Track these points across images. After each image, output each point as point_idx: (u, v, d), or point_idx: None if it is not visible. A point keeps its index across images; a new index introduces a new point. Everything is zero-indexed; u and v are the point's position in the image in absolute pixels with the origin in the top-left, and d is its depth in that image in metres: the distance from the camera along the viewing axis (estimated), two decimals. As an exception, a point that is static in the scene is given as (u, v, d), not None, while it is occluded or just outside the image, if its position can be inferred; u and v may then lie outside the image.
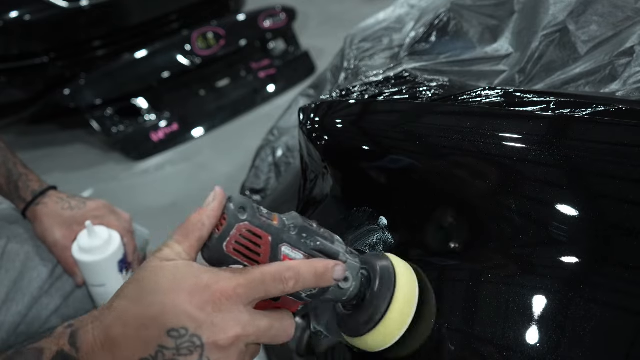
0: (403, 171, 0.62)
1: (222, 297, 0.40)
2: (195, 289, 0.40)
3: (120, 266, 0.84)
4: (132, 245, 0.87)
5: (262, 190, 1.26)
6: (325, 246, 0.47)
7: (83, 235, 0.83)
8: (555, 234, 0.50)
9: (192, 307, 0.39)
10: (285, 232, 0.45)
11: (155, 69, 2.43)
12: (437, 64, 0.81)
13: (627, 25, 0.68)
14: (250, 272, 0.42)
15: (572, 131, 0.54)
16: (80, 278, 0.86)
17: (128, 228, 0.87)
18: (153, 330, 0.39)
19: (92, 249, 0.82)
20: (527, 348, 0.48)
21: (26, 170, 0.88)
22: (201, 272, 0.41)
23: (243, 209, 0.43)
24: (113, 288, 0.82)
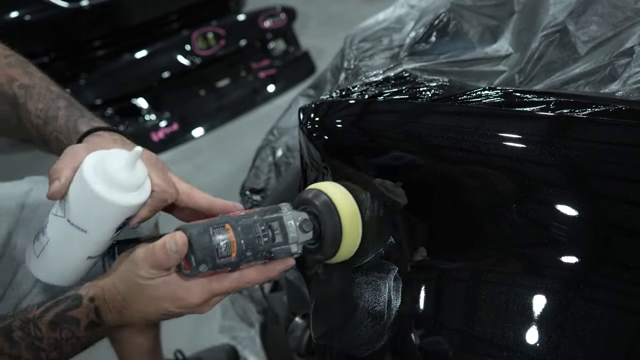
0: (403, 171, 0.62)
1: (194, 304, 0.57)
2: (174, 299, 0.57)
3: (123, 223, 0.62)
4: (147, 214, 0.63)
5: (262, 190, 1.26)
6: (278, 254, 0.57)
7: (115, 157, 0.58)
8: (555, 234, 0.50)
9: (174, 308, 0.58)
10: (243, 259, 0.55)
11: (155, 69, 2.43)
12: (437, 64, 0.81)
13: (626, 26, 0.69)
14: (215, 288, 0.57)
15: (572, 131, 0.54)
16: (58, 190, 0.59)
17: (164, 198, 0.64)
18: (151, 315, 0.59)
19: (117, 182, 0.57)
20: (527, 348, 0.48)
21: (93, 116, 0.74)
22: (177, 287, 0.56)
23: (203, 262, 0.53)
24: (91, 242, 0.61)
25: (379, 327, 0.58)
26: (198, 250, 0.53)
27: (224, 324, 1.53)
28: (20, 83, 0.76)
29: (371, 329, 0.59)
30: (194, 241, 0.53)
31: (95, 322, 0.58)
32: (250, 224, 0.56)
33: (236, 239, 0.54)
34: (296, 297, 0.96)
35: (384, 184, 0.61)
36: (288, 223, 0.57)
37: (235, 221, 0.55)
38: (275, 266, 0.59)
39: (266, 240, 0.56)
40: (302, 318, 0.98)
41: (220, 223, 0.55)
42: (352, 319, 0.61)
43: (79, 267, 0.64)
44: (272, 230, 0.56)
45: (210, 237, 0.54)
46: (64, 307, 0.58)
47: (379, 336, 0.58)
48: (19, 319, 0.58)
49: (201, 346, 1.46)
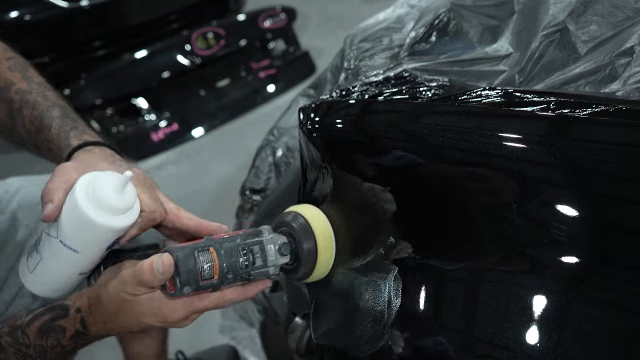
0: (403, 171, 0.62)
1: (176, 320, 0.60)
2: (157, 315, 0.60)
3: (113, 243, 0.64)
4: (136, 232, 0.66)
5: (262, 190, 1.26)
6: (257, 277, 0.61)
7: (106, 181, 0.60)
8: (555, 233, 0.50)
9: (156, 322, 0.60)
10: (224, 281, 0.58)
11: (155, 69, 2.43)
12: (437, 64, 0.81)
13: (627, 25, 0.68)
14: (196, 306, 0.60)
15: (572, 131, 0.54)
16: (51, 213, 0.61)
17: (153, 218, 0.65)
18: (134, 327, 0.61)
19: (108, 206, 0.59)
20: (527, 348, 0.48)
21: (85, 127, 0.75)
22: (160, 304, 0.59)
23: (187, 285, 0.56)
24: (82, 261, 0.63)
25: (379, 327, 0.58)
26: (183, 273, 0.56)
27: (224, 324, 1.53)
28: (17, 88, 0.76)
29: (371, 329, 0.59)
30: (180, 264, 0.56)
31: (80, 332, 0.61)
32: (233, 248, 0.59)
33: (219, 262, 0.57)
34: (296, 297, 0.96)
35: (373, 188, 0.62)
36: (268, 247, 0.61)
37: (219, 244, 0.58)
38: (253, 287, 0.62)
39: (247, 264, 0.59)
40: (302, 318, 0.98)
41: (205, 246, 0.58)
42: (352, 319, 0.61)
43: (70, 282, 0.68)
44: (253, 254, 0.60)
45: (195, 260, 0.56)
46: (52, 316, 0.61)
47: (379, 336, 0.58)
48: (7, 325, 0.61)
49: (201, 346, 1.45)
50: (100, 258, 0.66)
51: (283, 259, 0.62)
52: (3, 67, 0.78)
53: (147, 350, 1.13)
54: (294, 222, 0.64)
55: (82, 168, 0.64)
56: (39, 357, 0.61)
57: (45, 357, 0.61)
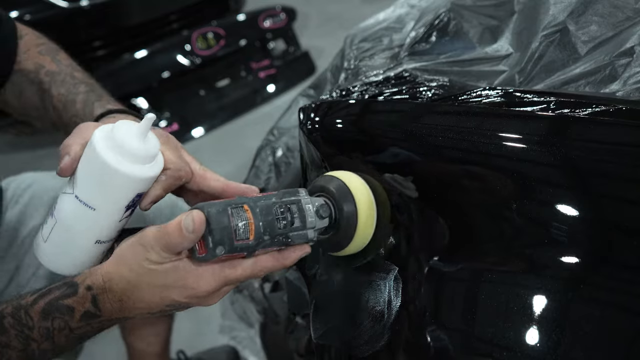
0: (403, 171, 0.62)
1: (204, 293, 0.53)
2: (183, 287, 0.53)
3: (134, 201, 0.57)
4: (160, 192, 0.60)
5: (262, 190, 1.26)
6: (295, 240, 0.54)
7: (126, 127, 0.54)
8: (555, 233, 0.50)
9: (182, 298, 0.53)
10: (260, 244, 0.52)
11: (155, 69, 2.43)
12: (437, 64, 0.81)
13: (627, 26, 0.68)
14: (227, 275, 0.53)
15: (572, 131, 0.54)
16: (67, 165, 0.57)
17: (178, 176, 0.60)
18: (155, 305, 0.54)
19: (128, 151, 0.53)
20: (527, 348, 0.48)
21: (110, 98, 0.75)
22: (187, 274, 0.52)
23: (221, 244, 0.50)
24: (99, 222, 0.57)
25: (379, 327, 0.58)
26: (216, 231, 0.49)
27: (224, 324, 1.53)
28: (47, 70, 0.78)
29: (371, 329, 0.59)
30: (212, 220, 0.50)
31: (91, 313, 0.54)
32: (269, 206, 0.53)
33: (254, 221, 0.51)
34: (296, 297, 0.96)
35: (395, 177, 0.60)
36: (306, 207, 0.55)
37: (253, 202, 0.53)
38: (290, 253, 0.55)
39: (285, 223, 0.53)
40: (302, 318, 0.98)
41: (239, 203, 0.52)
42: (352, 319, 0.61)
43: (87, 252, 0.60)
44: (291, 214, 0.54)
45: (229, 217, 0.50)
46: (57, 295, 0.55)
47: (379, 336, 0.58)
48: (11, 305, 0.55)
49: (201, 346, 1.46)
50: (120, 222, 0.59)
51: (322, 222, 0.56)
52: (34, 52, 0.80)
53: (150, 348, 1.13)
54: (331, 185, 0.58)
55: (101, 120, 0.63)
56: (45, 341, 0.55)
57: (52, 342, 0.55)
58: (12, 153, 2.47)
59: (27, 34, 0.83)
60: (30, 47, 0.81)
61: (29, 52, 0.80)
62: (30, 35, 0.83)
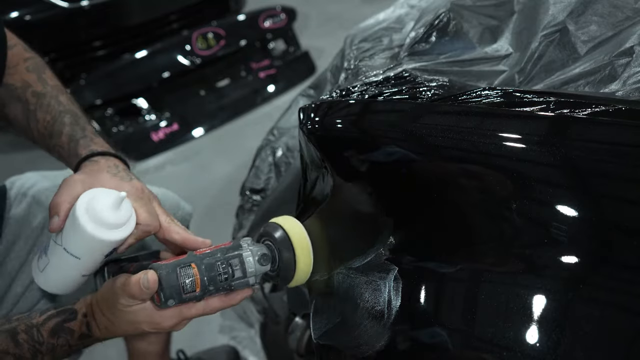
0: (402, 171, 0.62)
1: (168, 328, 0.67)
2: (151, 323, 0.67)
3: (111, 252, 0.72)
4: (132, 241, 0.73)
5: (262, 190, 1.26)
6: (238, 287, 0.66)
7: (103, 199, 0.68)
8: (555, 234, 0.50)
9: (150, 329, 0.68)
10: (206, 293, 0.64)
11: (155, 69, 2.43)
12: (437, 64, 0.81)
13: (626, 26, 0.69)
14: (185, 314, 0.66)
15: (572, 131, 0.54)
16: (57, 225, 0.70)
17: (147, 230, 0.73)
18: (132, 332, 0.69)
19: (103, 221, 0.67)
20: (527, 348, 0.48)
21: (93, 136, 0.80)
22: (152, 313, 0.66)
23: (171, 298, 0.63)
24: (83, 265, 0.72)
25: (379, 327, 0.58)
26: (166, 288, 0.62)
27: (224, 324, 1.54)
28: (33, 90, 0.81)
29: (371, 329, 0.59)
30: (163, 280, 0.62)
31: (85, 334, 0.69)
32: (213, 263, 0.64)
33: (200, 276, 0.63)
34: (296, 297, 0.96)
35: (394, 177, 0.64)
36: (247, 260, 0.66)
37: (200, 260, 0.64)
38: (235, 296, 0.68)
39: (226, 277, 0.65)
40: (302, 318, 0.98)
41: (187, 262, 0.64)
42: (352, 319, 0.61)
43: (74, 282, 0.77)
44: (232, 267, 0.65)
45: (177, 276, 0.63)
46: (63, 319, 0.69)
47: (379, 336, 0.58)
48: (23, 323, 0.68)
49: (202, 346, 1.46)
50: (101, 263, 0.74)
51: (263, 269, 0.68)
52: (22, 68, 0.83)
53: (151, 348, 1.13)
54: (274, 233, 0.69)
55: (88, 180, 0.72)
56: (48, 354, 0.68)
57: (54, 354, 0.69)
58: (13, 153, 2.47)
59: (16, 45, 0.84)
60: (19, 62, 0.83)
61: (17, 67, 0.82)
62: (18, 47, 0.84)
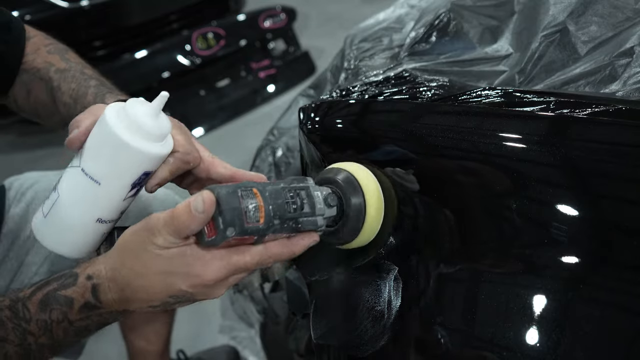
0: (403, 171, 0.62)
1: (211, 282, 0.51)
2: (189, 275, 0.50)
3: (140, 179, 0.57)
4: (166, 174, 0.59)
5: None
6: (305, 226, 0.54)
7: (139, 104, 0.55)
8: (555, 233, 0.50)
9: (186, 286, 0.51)
10: (270, 228, 0.51)
11: (155, 69, 2.43)
12: (437, 64, 0.81)
13: (627, 26, 0.69)
14: (236, 262, 0.51)
15: (572, 131, 0.54)
16: (77, 140, 0.56)
17: (187, 160, 0.60)
18: (158, 295, 0.52)
19: (138, 128, 0.54)
20: (527, 348, 0.48)
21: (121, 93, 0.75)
22: (194, 261, 0.50)
23: (231, 225, 0.48)
24: (104, 196, 0.56)
25: (379, 327, 0.58)
26: (227, 211, 0.48)
27: (224, 324, 1.53)
28: (56, 68, 0.78)
29: (371, 329, 0.59)
30: (223, 201, 0.48)
31: (91, 304, 0.53)
32: (279, 190, 0.52)
33: (264, 204, 0.50)
34: (296, 297, 0.96)
35: (395, 171, 0.60)
36: (315, 194, 0.55)
37: (262, 187, 0.52)
38: (299, 240, 0.54)
39: (295, 207, 0.52)
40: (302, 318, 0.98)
41: (248, 187, 0.51)
42: (352, 319, 0.61)
43: (86, 230, 0.58)
44: (300, 199, 0.53)
45: (239, 199, 0.49)
46: (56, 285, 0.53)
47: (379, 336, 0.58)
48: (9, 298, 0.54)
49: (201, 346, 1.46)
50: (123, 200, 0.58)
51: (330, 211, 0.56)
52: (42, 51, 0.81)
53: (151, 347, 1.13)
54: (338, 177, 0.58)
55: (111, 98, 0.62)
56: (42, 335, 0.53)
57: (50, 335, 0.53)
58: (13, 153, 2.47)
59: (36, 35, 0.84)
60: (40, 47, 0.81)
61: (39, 52, 0.80)
62: (39, 37, 0.84)
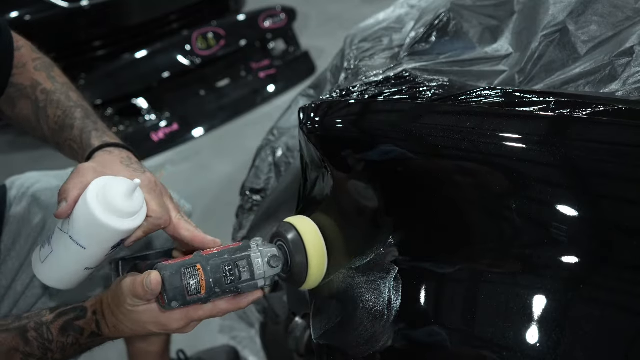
0: (402, 171, 0.62)
1: (175, 330, 0.65)
2: (157, 323, 0.64)
3: (118, 243, 0.68)
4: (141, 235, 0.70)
5: (262, 190, 1.26)
6: (246, 289, 0.64)
7: (116, 186, 0.64)
8: (555, 234, 0.50)
9: (158, 330, 0.65)
10: (212, 295, 0.62)
11: (155, 69, 2.43)
12: (437, 64, 0.81)
13: (626, 26, 0.68)
14: (192, 315, 0.64)
15: (572, 131, 0.54)
16: (64, 211, 0.65)
17: (158, 224, 0.69)
18: (140, 333, 0.67)
19: (115, 209, 0.63)
20: (527, 348, 0.48)
21: (105, 129, 0.78)
22: (158, 314, 0.63)
23: (174, 300, 0.60)
24: (88, 256, 0.68)
25: (379, 327, 0.58)
26: (170, 290, 0.60)
27: (224, 324, 1.53)
28: (43, 87, 0.80)
29: (371, 329, 0.59)
30: (167, 281, 0.60)
31: (95, 333, 0.67)
32: (219, 264, 0.62)
33: (205, 278, 0.61)
34: (296, 297, 0.96)
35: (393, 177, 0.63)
36: (256, 261, 0.64)
37: (206, 261, 0.62)
38: (243, 299, 0.65)
39: (232, 279, 0.62)
40: (302, 318, 0.98)
41: (192, 263, 0.62)
42: (352, 319, 0.61)
43: (77, 275, 0.72)
44: (239, 269, 0.63)
45: (182, 278, 0.60)
46: (73, 317, 0.67)
47: (379, 336, 0.58)
48: (33, 321, 0.67)
49: (202, 346, 1.46)
50: (106, 256, 0.70)
51: (273, 271, 0.65)
52: (30, 67, 0.82)
53: (151, 347, 1.14)
54: (287, 234, 0.67)
55: (100, 168, 0.69)
56: (58, 352, 0.67)
57: (64, 353, 0.68)
58: (13, 153, 2.47)
59: (24, 46, 0.84)
60: (27, 62, 0.82)
61: (26, 66, 0.82)
62: (26, 48, 0.84)
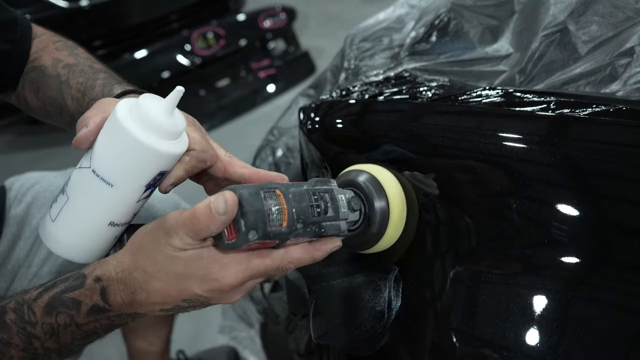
0: (402, 171, 0.62)
1: (228, 287, 0.48)
2: (205, 279, 0.48)
3: (154, 180, 0.53)
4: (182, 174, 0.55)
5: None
6: (328, 230, 0.50)
7: (152, 100, 0.51)
8: (555, 234, 0.50)
9: (202, 291, 0.48)
10: (293, 232, 0.48)
11: (155, 69, 2.43)
12: (437, 64, 0.81)
13: (627, 26, 0.68)
14: (255, 266, 0.48)
15: (572, 131, 0.54)
16: (85, 139, 0.52)
17: (203, 158, 0.56)
18: (171, 299, 0.49)
19: (154, 125, 0.49)
20: (527, 348, 0.48)
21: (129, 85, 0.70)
22: (211, 264, 0.48)
23: (254, 229, 0.45)
24: (117, 199, 0.52)
25: (379, 327, 0.58)
26: (249, 214, 0.45)
27: (224, 324, 1.53)
28: (64, 63, 0.75)
29: (371, 329, 0.59)
30: (246, 202, 0.45)
31: (99, 307, 0.50)
32: (302, 192, 0.49)
33: (287, 207, 0.47)
34: (296, 297, 0.96)
35: (414, 175, 0.59)
36: (339, 197, 0.51)
37: (285, 188, 0.48)
38: (322, 245, 0.51)
39: (318, 211, 0.49)
40: (302, 318, 0.98)
41: (271, 188, 0.47)
42: (352, 319, 0.61)
43: (98, 235, 0.54)
44: (324, 202, 0.50)
45: (262, 201, 0.46)
46: (62, 288, 0.51)
47: (379, 336, 0.58)
48: (14, 300, 0.52)
49: (201, 346, 1.46)
50: (137, 202, 0.54)
51: (353, 215, 0.53)
52: (51, 48, 0.79)
53: (151, 348, 1.13)
54: (360, 178, 0.56)
55: None
56: (49, 339, 0.51)
57: (57, 340, 0.51)
58: (13, 153, 2.47)
59: (44, 33, 0.83)
60: (48, 44, 0.80)
61: (46, 49, 0.79)
62: (47, 35, 0.83)
